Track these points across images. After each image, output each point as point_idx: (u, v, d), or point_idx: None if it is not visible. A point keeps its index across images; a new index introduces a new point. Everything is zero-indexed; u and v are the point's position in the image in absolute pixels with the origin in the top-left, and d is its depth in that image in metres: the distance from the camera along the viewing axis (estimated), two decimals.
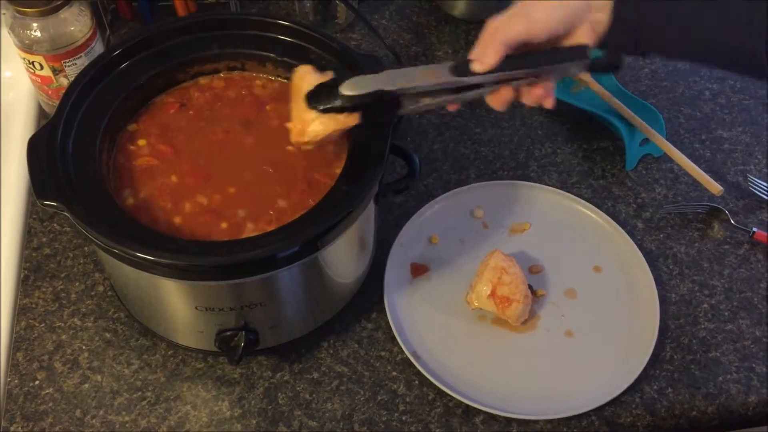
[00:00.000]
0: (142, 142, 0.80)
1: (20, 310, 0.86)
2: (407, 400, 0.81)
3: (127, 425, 0.78)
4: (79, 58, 0.94)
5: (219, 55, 0.85)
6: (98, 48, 0.97)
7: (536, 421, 0.79)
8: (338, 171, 0.75)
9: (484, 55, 0.68)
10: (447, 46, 1.15)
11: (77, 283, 0.88)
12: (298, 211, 0.73)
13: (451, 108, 0.74)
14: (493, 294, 0.83)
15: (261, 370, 0.82)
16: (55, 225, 0.93)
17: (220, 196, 0.76)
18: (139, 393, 0.81)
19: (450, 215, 0.94)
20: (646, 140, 1.01)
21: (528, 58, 0.70)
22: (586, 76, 1.07)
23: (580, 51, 0.70)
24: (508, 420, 0.79)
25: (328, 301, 0.83)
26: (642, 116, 1.01)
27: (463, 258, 0.90)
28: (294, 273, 0.74)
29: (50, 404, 0.80)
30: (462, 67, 0.69)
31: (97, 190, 0.72)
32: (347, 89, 0.69)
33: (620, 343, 0.84)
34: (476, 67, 0.68)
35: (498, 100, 0.70)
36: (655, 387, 0.82)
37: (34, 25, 0.91)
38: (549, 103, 0.72)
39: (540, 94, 0.71)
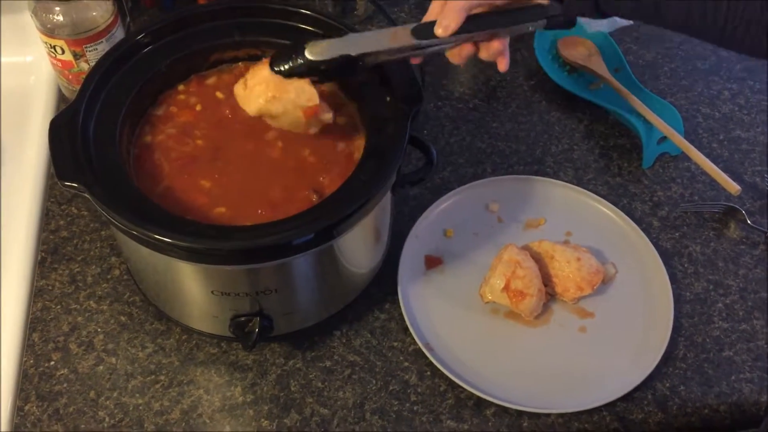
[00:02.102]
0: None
1: (37, 292, 0.87)
2: (419, 390, 0.81)
3: (140, 407, 0.79)
4: (100, 43, 0.95)
5: (240, 42, 0.85)
6: (119, 34, 0.98)
7: (547, 415, 0.79)
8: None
9: (446, 19, 0.70)
10: None
11: (94, 267, 0.89)
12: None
13: (414, 61, 0.76)
14: (506, 288, 0.83)
15: (274, 357, 0.83)
16: (72, 208, 0.94)
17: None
18: (153, 376, 0.81)
19: (465, 209, 0.94)
20: (663, 138, 1.01)
21: (487, 19, 0.71)
22: (605, 73, 1.07)
23: (537, 11, 0.72)
24: (520, 413, 0.79)
25: (342, 290, 0.84)
26: (660, 114, 1.01)
27: (477, 251, 0.91)
28: (309, 260, 0.74)
29: (65, 385, 0.81)
30: (424, 31, 0.71)
31: (117, 173, 0.73)
32: (312, 54, 0.69)
33: (633, 340, 0.84)
34: (439, 32, 0.70)
35: (458, 55, 0.73)
36: (668, 384, 0.82)
37: (57, 9, 0.92)
38: (503, 64, 0.74)
39: (497, 50, 0.73)
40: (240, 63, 0.87)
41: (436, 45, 0.72)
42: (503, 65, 0.74)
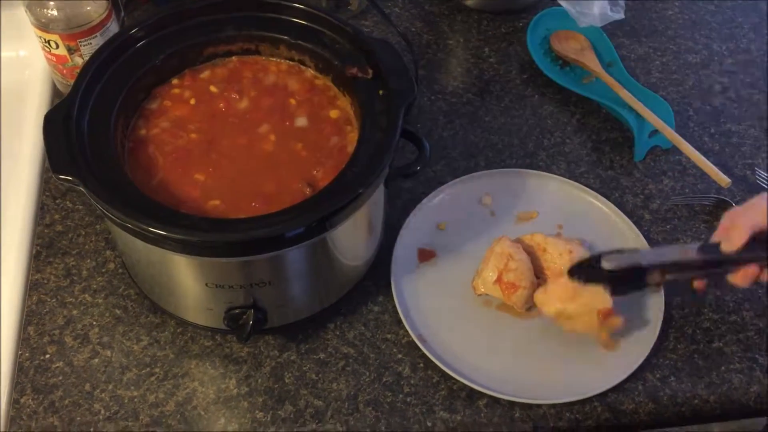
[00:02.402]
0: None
1: (32, 285, 0.87)
2: (412, 382, 0.82)
3: (135, 400, 0.80)
4: (94, 37, 0.95)
5: (234, 36, 0.86)
6: (113, 28, 0.98)
7: (539, 406, 0.80)
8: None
9: (732, 237, 0.73)
10: (459, 35, 1.15)
11: (88, 260, 0.90)
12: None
13: (698, 285, 0.79)
14: (499, 280, 0.84)
15: (268, 350, 0.83)
16: (67, 202, 0.94)
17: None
18: (148, 369, 0.82)
19: (458, 202, 0.95)
20: (655, 132, 1.02)
21: None
22: (597, 67, 1.07)
23: None
24: (512, 404, 0.80)
25: (336, 283, 0.84)
26: (652, 108, 1.02)
27: (470, 244, 0.91)
28: (302, 253, 0.75)
29: (60, 377, 0.81)
30: (710, 248, 0.75)
31: (111, 166, 0.73)
32: (608, 264, 0.76)
33: (624, 332, 0.84)
34: (725, 247, 0.74)
35: (742, 277, 0.75)
36: (658, 375, 0.83)
37: (51, 4, 0.92)
38: None
39: None
40: (234, 57, 0.87)
41: (722, 264, 0.75)
42: None
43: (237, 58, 0.87)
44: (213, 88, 0.84)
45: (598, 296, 0.80)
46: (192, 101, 0.83)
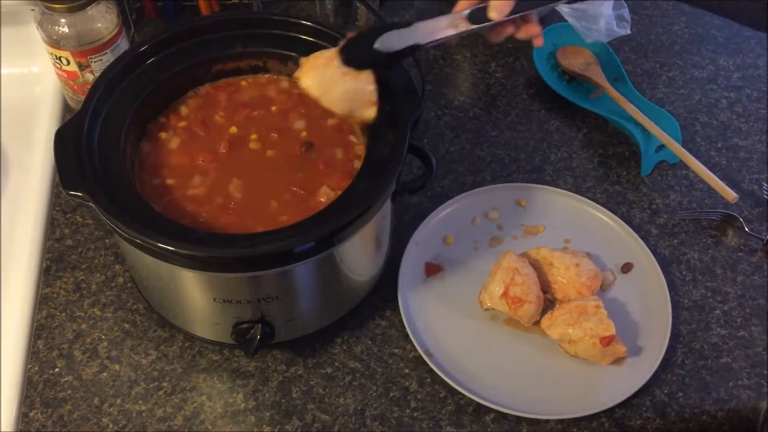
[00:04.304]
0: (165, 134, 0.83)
1: (42, 299, 0.88)
2: (419, 397, 0.82)
3: (143, 414, 0.80)
4: (104, 54, 0.97)
5: (242, 53, 0.87)
6: (123, 45, 0.99)
7: (546, 421, 0.80)
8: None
9: (501, 4, 0.76)
10: (466, 50, 1.16)
11: (98, 275, 0.90)
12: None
13: (452, 41, 0.80)
14: (505, 294, 0.84)
15: (275, 364, 0.84)
16: (77, 217, 0.95)
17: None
18: (156, 383, 0.82)
19: (465, 216, 0.95)
20: (661, 147, 1.02)
21: (530, 2, 0.78)
22: (604, 82, 1.08)
23: None
24: (519, 419, 0.80)
25: (343, 298, 0.85)
26: (658, 123, 1.02)
27: (477, 259, 0.91)
28: (310, 268, 0.75)
29: (69, 391, 0.82)
30: (479, 16, 0.77)
31: (121, 182, 0.74)
32: (383, 47, 0.75)
33: (631, 347, 0.84)
34: (493, 15, 0.77)
35: (498, 35, 0.80)
36: (666, 391, 0.82)
37: (62, 21, 0.94)
38: (540, 41, 0.82)
39: (534, 32, 0.81)
40: (244, 77, 0.88)
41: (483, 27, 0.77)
42: (540, 41, 0.82)
43: (250, 76, 0.88)
44: (221, 106, 0.85)
45: (602, 324, 0.80)
46: (200, 119, 0.84)
